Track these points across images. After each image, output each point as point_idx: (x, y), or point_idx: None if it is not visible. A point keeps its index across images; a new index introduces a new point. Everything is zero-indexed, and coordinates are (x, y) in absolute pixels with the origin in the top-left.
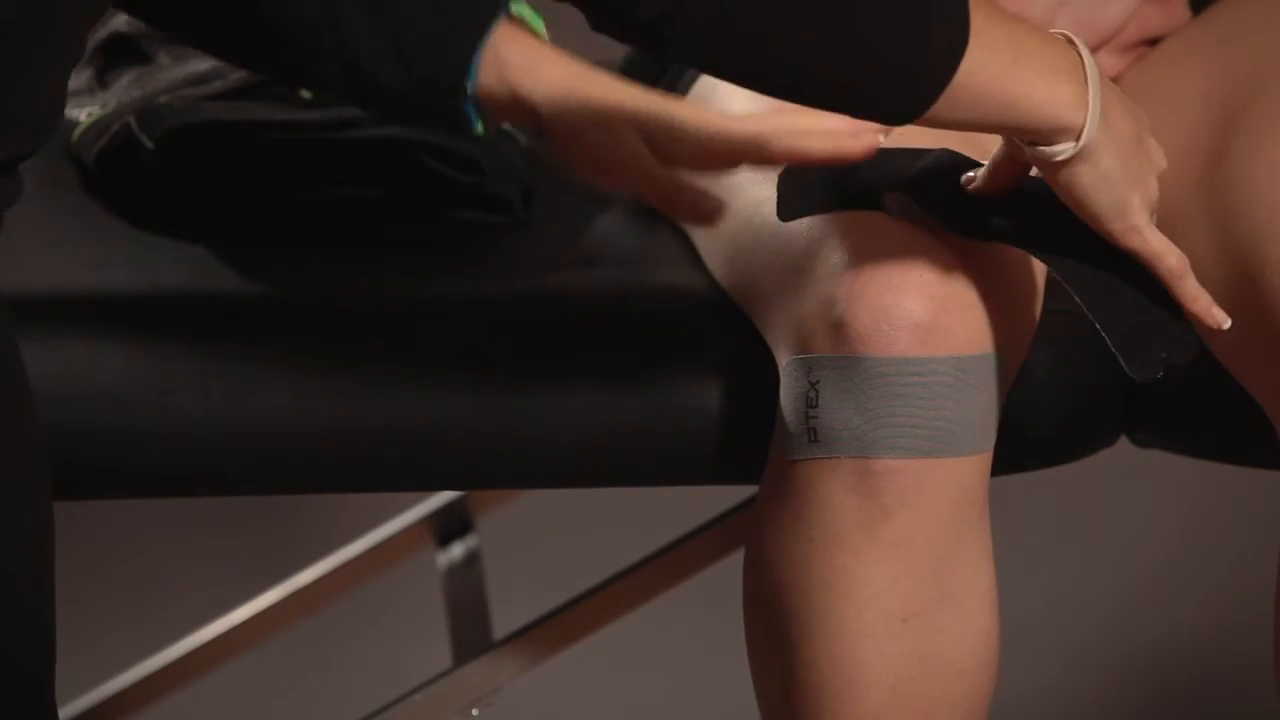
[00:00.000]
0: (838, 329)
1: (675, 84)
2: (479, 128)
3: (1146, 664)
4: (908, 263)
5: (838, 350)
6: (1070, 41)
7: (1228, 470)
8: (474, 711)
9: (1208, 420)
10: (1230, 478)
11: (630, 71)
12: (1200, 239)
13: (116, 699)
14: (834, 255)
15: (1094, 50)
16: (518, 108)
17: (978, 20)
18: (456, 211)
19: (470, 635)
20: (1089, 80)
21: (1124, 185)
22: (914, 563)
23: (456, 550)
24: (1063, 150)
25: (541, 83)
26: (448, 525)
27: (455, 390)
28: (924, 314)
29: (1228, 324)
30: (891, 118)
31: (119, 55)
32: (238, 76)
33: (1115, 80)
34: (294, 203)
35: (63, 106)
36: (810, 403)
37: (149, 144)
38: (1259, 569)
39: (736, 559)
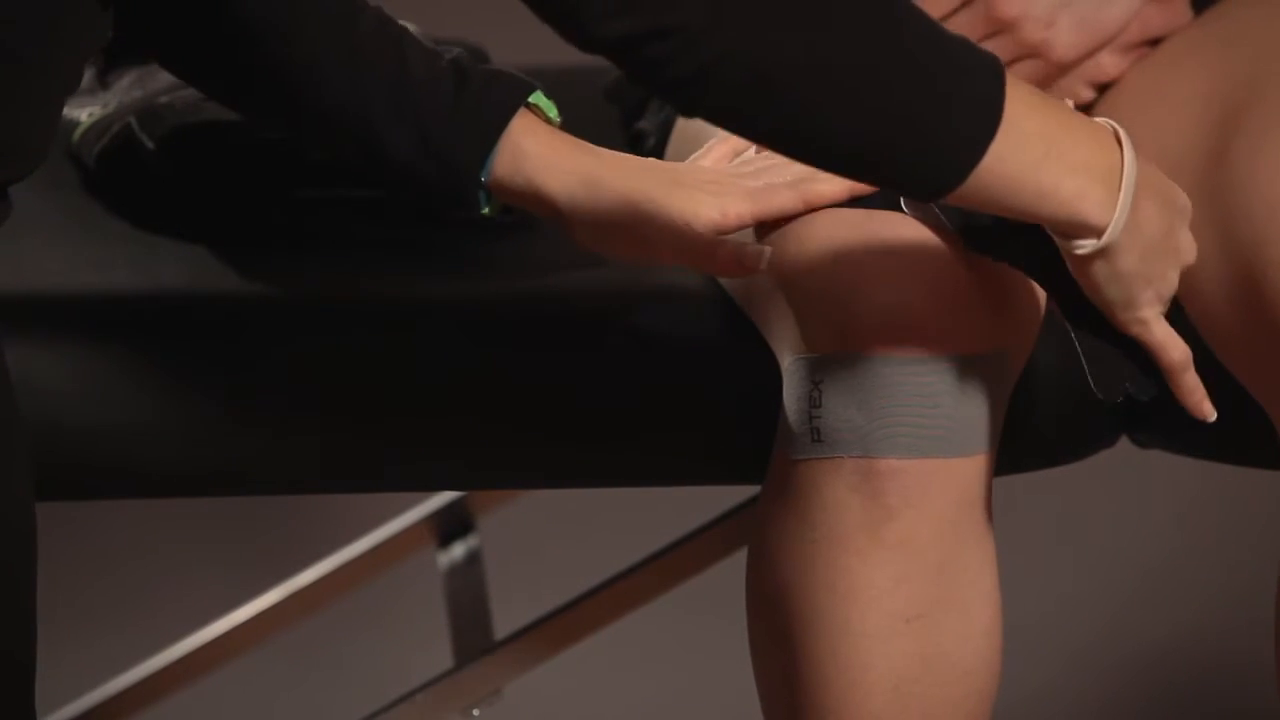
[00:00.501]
0: (841, 328)
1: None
2: (486, 209)
3: (1147, 664)
4: (911, 262)
5: (841, 349)
6: (1117, 137)
7: (1227, 470)
8: (475, 712)
9: (1208, 421)
10: (1230, 478)
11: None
12: (1201, 240)
13: (118, 699)
14: (837, 254)
15: (1095, 50)
16: (536, 200)
17: (1016, 109)
18: (457, 212)
19: (471, 635)
20: (1124, 181)
21: (1139, 282)
22: (917, 563)
23: (457, 550)
24: (1083, 246)
25: (559, 175)
26: (449, 525)
27: (456, 390)
28: (928, 314)
29: (1213, 417)
30: (918, 194)
31: (120, 55)
32: None
33: (1116, 81)
34: (294, 203)
35: (55, 132)
36: (813, 402)
37: (150, 144)
38: (1259, 570)
39: (738, 559)
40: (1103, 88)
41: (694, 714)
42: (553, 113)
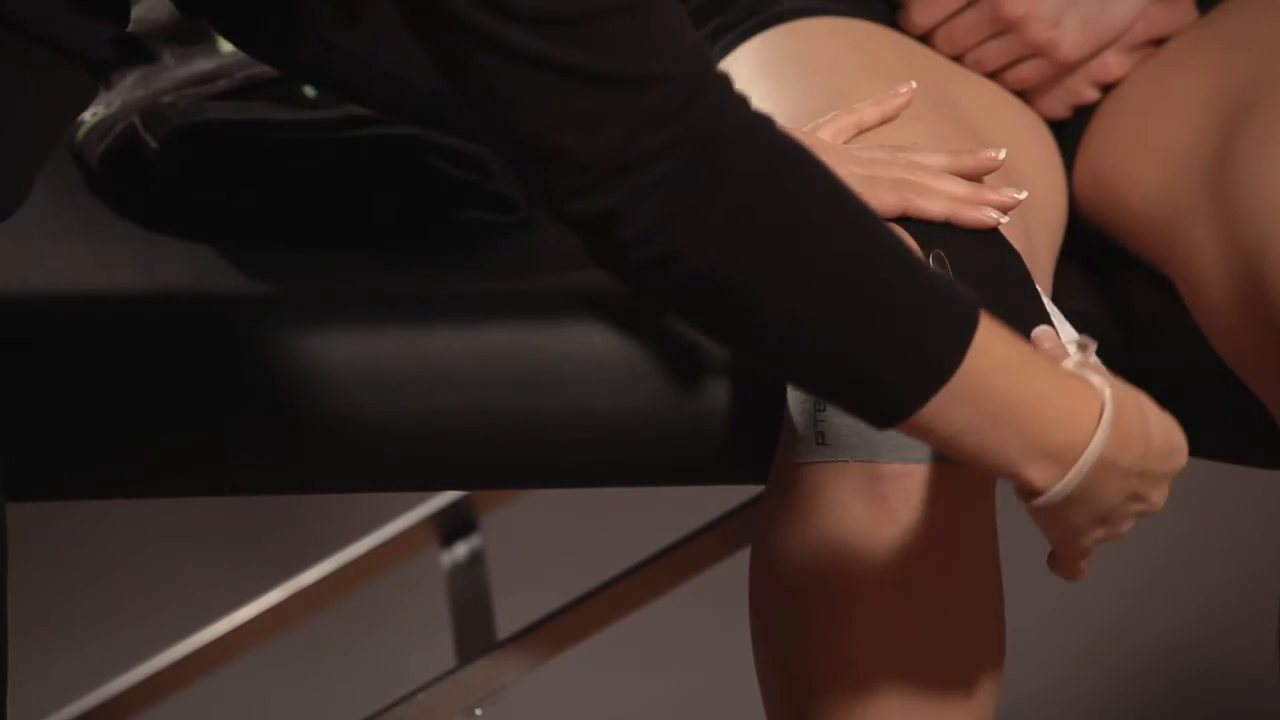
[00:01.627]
0: None
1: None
2: None
3: (1147, 665)
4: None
5: None
6: (1105, 407)
7: (1229, 469)
8: (477, 711)
9: (1212, 419)
10: (1232, 477)
11: None
12: (1206, 239)
13: (120, 699)
14: None
15: (1101, 50)
16: None
17: (981, 363)
18: (461, 211)
19: (474, 635)
20: (1081, 461)
21: (1083, 531)
22: (920, 566)
23: (460, 550)
24: (1023, 495)
25: None
26: (452, 525)
27: (459, 389)
28: None
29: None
30: (861, 417)
31: (123, 55)
32: (242, 75)
33: (1121, 81)
34: (298, 202)
35: (33, 181)
36: (819, 406)
37: (153, 144)
38: (1260, 570)
39: (741, 558)
40: (1108, 87)
41: (696, 713)
42: None
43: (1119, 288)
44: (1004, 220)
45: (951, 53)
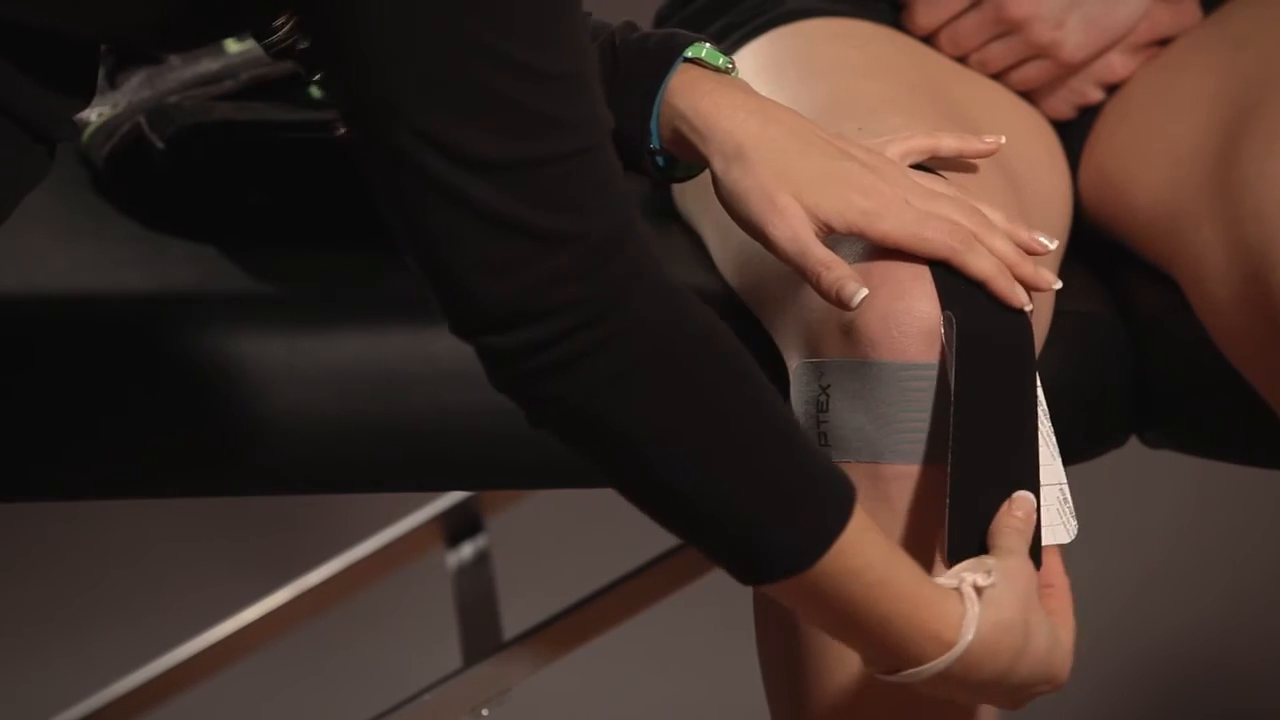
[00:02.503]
0: (848, 332)
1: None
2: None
3: (1151, 665)
4: (918, 267)
5: (848, 354)
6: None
7: (1230, 469)
8: (484, 712)
9: (1218, 420)
10: (1234, 476)
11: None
12: (1211, 239)
13: (126, 699)
14: (846, 259)
15: (1104, 51)
16: (698, 135)
17: (837, 567)
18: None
19: (480, 635)
20: (919, 670)
21: (965, 698)
22: (923, 565)
23: (466, 550)
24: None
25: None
26: (458, 525)
27: (466, 389)
28: (934, 318)
29: None
30: (730, 573)
31: (128, 55)
32: (248, 75)
33: (1126, 81)
34: (304, 202)
35: None
36: (821, 407)
37: (159, 144)
38: (1262, 570)
39: None
40: (1112, 88)
41: (701, 714)
42: (719, 61)
43: (1124, 288)
44: (1030, 308)
45: (955, 54)
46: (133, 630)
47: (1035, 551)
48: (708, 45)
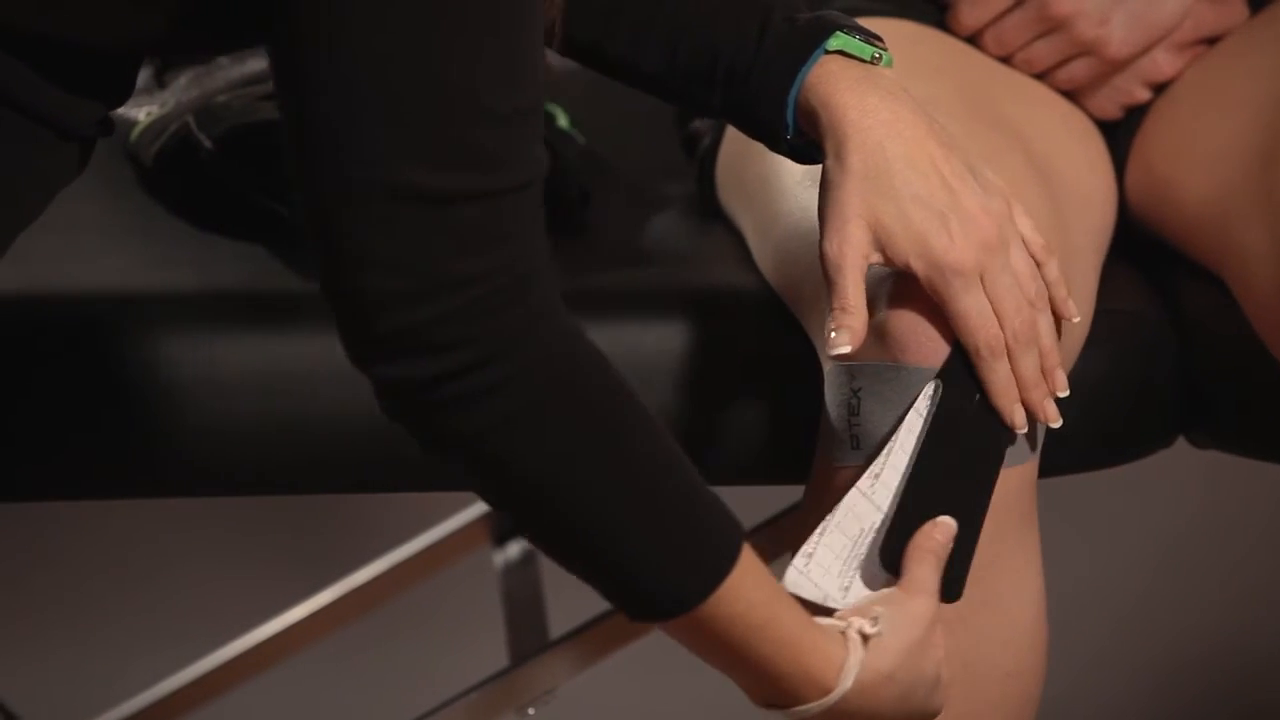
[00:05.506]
0: (881, 336)
1: None
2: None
3: (1162, 664)
4: None
5: (880, 357)
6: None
7: (1239, 465)
8: (530, 710)
9: (1266, 420)
10: (1242, 473)
11: None
12: (1259, 239)
13: (171, 699)
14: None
15: (1149, 48)
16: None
17: (721, 611)
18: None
19: (527, 634)
20: (796, 710)
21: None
22: None
23: (513, 549)
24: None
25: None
26: (504, 524)
27: None
28: None
29: None
30: (617, 607)
31: (175, 56)
32: None
33: (1172, 81)
34: None
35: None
36: (852, 410)
37: (207, 144)
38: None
39: (786, 561)
40: (1159, 87)
41: (748, 714)
42: (866, 53)
43: (1171, 288)
44: (1022, 430)
45: (1000, 53)
46: (177, 631)
47: (954, 580)
48: (856, 35)
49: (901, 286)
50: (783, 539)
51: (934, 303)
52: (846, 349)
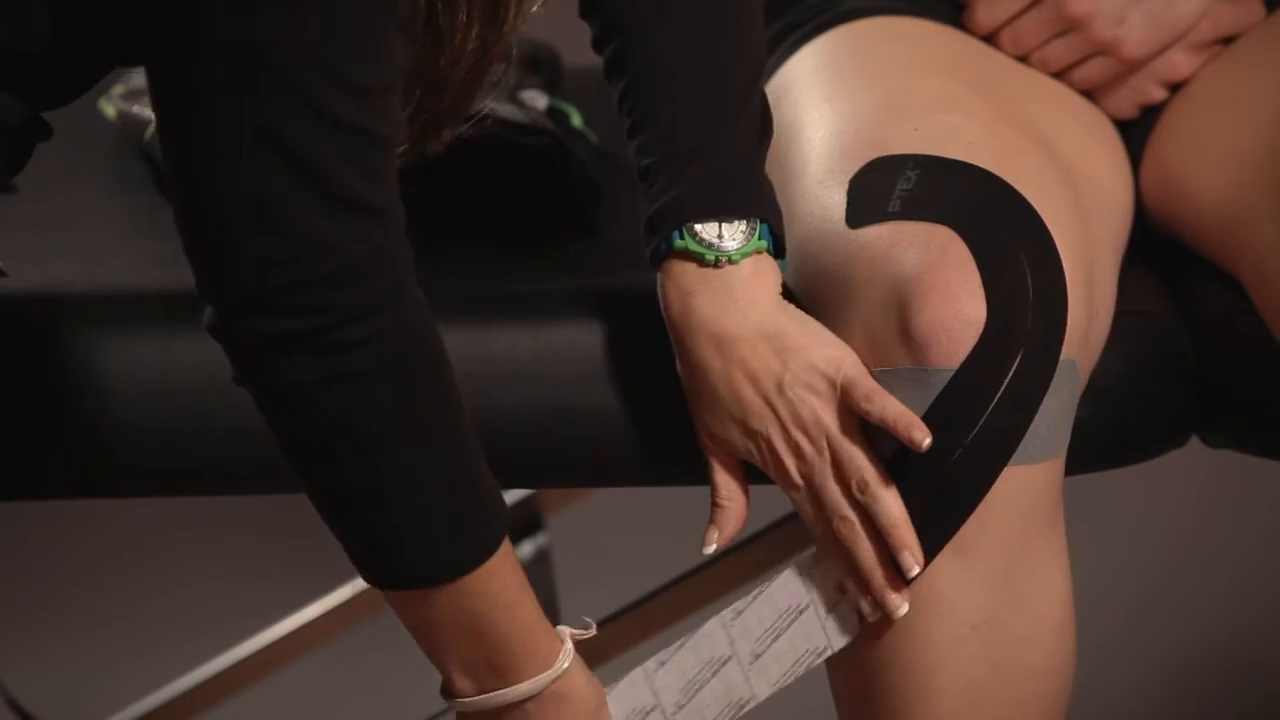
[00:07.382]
0: (901, 337)
1: None
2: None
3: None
4: (970, 270)
5: (904, 357)
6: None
7: (1246, 463)
8: None
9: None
10: (1250, 471)
11: None
12: (1270, 238)
13: (184, 698)
14: (899, 263)
15: (1166, 47)
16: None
17: (471, 586)
18: (530, 213)
19: None
20: (498, 693)
21: None
22: (982, 570)
23: (526, 548)
24: (444, 693)
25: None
26: (518, 523)
27: (524, 388)
28: (983, 321)
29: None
30: (361, 573)
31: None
32: None
33: (1188, 80)
34: None
35: None
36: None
37: None
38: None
39: None
40: (1175, 87)
41: (766, 713)
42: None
43: (1187, 288)
44: (901, 613)
45: (1016, 53)
46: (191, 629)
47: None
48: (708, 230)
49: (918, 284)
50: (806, 536)
51: (950, 303)
52: (710, 549)
